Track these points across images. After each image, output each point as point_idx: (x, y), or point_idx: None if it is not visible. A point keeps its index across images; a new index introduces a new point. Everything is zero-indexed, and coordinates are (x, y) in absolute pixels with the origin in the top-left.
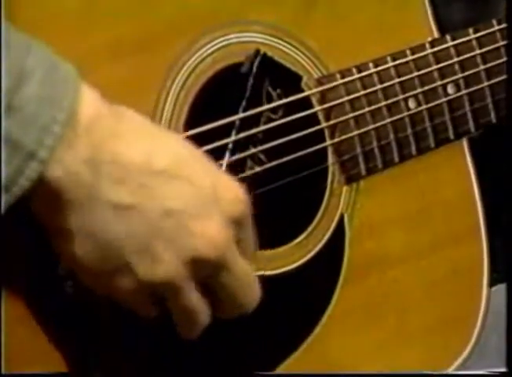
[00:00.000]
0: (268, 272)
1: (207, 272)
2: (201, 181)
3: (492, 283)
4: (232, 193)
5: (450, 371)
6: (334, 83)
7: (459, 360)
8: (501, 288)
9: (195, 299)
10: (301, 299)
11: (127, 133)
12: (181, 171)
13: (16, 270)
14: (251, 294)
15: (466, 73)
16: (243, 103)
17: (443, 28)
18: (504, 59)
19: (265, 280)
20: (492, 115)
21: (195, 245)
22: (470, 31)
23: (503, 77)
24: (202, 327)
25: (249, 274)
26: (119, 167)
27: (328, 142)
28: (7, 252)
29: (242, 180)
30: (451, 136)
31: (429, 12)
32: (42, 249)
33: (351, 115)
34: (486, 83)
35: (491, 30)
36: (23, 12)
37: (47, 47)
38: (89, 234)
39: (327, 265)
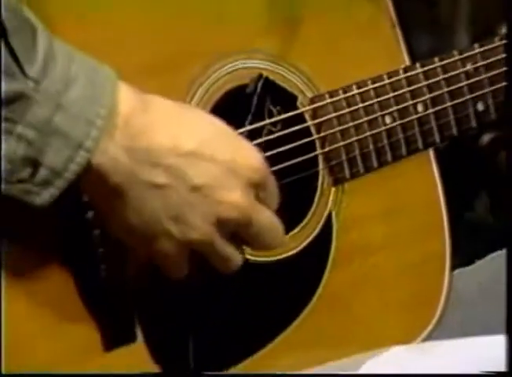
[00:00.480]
0: (269, 258)
1: (236, 229)
2: (222, 157)
3: (454, 267)
4: (250, 162)
5: (418, 340)
6: (324, 102)
7: (426, 331)
8: (461, 272)
9: (227, 249)
10: (296, 281)
11: (157, 123)
12: (205, 151)
13: (60, 257)
14: (277, 235)
15: (433, 94)
16: (249, 117)
17: (414, 57)
18: (465, 82)
19: (266, 265)
20: (454, 129)
21: (219, 211)
22: (436, 59)
23: (465, 98)
24: (238, 266)
25: (274, 221)
26: (153, 153)
27: (319, 151)
28: (51, 239)
29: None
30: (421, 146)
31: (402, 44)
32: (82, 238)
33: (338, 128)
34: (449, 103)
35: (454, 59)
36: (66, 34)
37: (88, 59)
38: (133, 209)
39: (318, 252)
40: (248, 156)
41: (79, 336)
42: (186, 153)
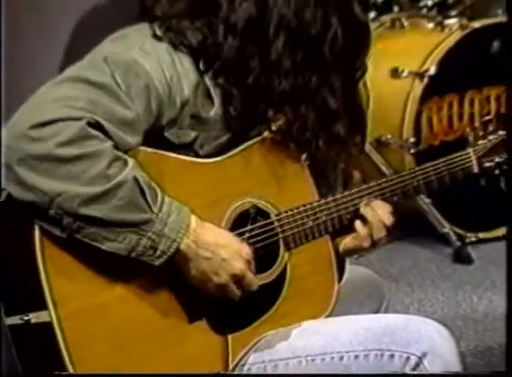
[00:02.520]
0: (263, 282)
1: (238, 279)
2: (234, 247)
3: (339, 281)
4: (245, 251)
5: (323, 316)
6: (283, 215)
7: (327, 313)
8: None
9: (235, 288)
10: (272, 291)
11: (206, 231)
12: (227, 244)
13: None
14: (254, 285)
15: (328, 212)
16: (249, 223)
17: (320, 195)
18: (342, 206)
19: (263, 285)
20: (338, 226)
21: (232, 270)
22: (330, 198)
23: (342, 213)
24: (239, 296)
25: (252, 278)
26: (205, 243)
27: (280, 236)
28: (161, 274)
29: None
30: (324, 233)
31: (314, 188)
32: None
33: (288, 227)
34: (336, 215)
35: (334, 198)
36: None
37: (179, 203)
38: (194, 267)
39: (280, 280)
40: (244, 247)
41: (176, 318)
42: (219, 245)
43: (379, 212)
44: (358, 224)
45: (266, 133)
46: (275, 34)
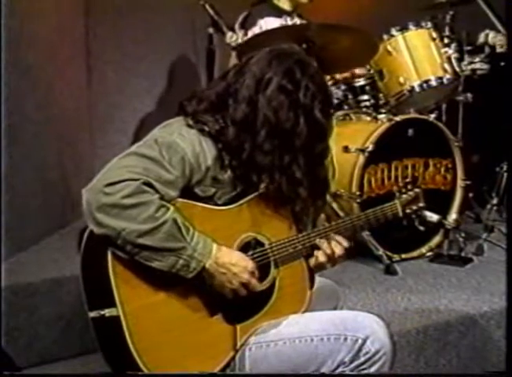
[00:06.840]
0: (261, 288)
1: (246, 285)
2: (243, 264)
3: (310, 288)
4: (251, 265)
5: (300, 312)
6: (273, 244)
7: (303, 310)
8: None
9: (243, 290)
10: (267, 294)
11: (223, 254)
12: (237, 262)
13: (192, 287)
14: (257, 287)
15: (303, 242)
16: (251, 250)
17: (298, 230)
18: (316, 233)
19: (261, 290)
20: (310, 252)
21: (241, 280)
22: (305, 232)
23: (314, 242)
24: (245, 294)
25: (255, 283)
26: (222, 263)
27: (271, 258)
28: (189, 283)
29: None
30: (300, 257)
31: (294, 226)
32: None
33: (277, 252)
34: (308, 244)
35: (308, 232)
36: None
37: (201, 234)
38: (216, 279)
39: (272, 287)
40: (250, 264)
41: (202, 313)
42: (232, 264)
43: (332, 245)
44: (320, 253)
45: (261, 190)
46: (260, 127)
